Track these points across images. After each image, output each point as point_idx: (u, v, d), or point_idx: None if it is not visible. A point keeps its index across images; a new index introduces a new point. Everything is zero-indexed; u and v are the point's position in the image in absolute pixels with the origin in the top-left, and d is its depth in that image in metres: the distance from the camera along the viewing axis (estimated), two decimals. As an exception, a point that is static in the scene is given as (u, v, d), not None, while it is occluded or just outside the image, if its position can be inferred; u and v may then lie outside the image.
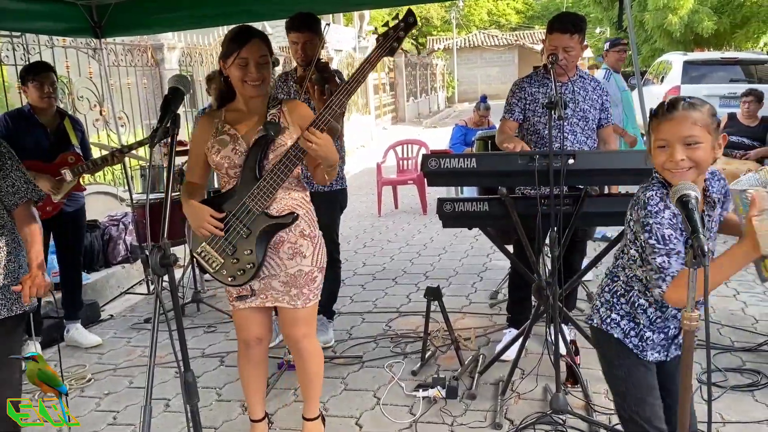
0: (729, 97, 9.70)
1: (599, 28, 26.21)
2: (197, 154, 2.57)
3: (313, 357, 2.73)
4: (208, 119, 2.58)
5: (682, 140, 1.77)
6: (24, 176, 2.43)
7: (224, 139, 2.49)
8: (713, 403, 3.01)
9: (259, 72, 2.43)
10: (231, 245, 2.47)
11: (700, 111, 1.79)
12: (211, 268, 2.53)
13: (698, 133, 1.77)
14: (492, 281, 5.02)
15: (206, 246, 2.51)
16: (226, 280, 2.53)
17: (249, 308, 2.61)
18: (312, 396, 2.80)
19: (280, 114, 2.51)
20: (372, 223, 7.58)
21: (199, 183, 2.64)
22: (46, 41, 5.67)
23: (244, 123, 2.52)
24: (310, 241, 2.57)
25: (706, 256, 1.49)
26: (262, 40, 2.46)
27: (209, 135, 2.53)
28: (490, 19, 43.18)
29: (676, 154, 1.77)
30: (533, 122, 3.43)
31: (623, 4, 4.25)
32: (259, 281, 2.55)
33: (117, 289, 5.28)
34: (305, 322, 2.65)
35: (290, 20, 3.64)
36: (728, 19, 15.51)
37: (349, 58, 16.85)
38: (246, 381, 2.79)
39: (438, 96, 29.35)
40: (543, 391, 3.21)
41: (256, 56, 2.41)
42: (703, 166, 1.80)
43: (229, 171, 2.51)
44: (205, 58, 8.89)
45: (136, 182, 4.95)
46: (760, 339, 3.67)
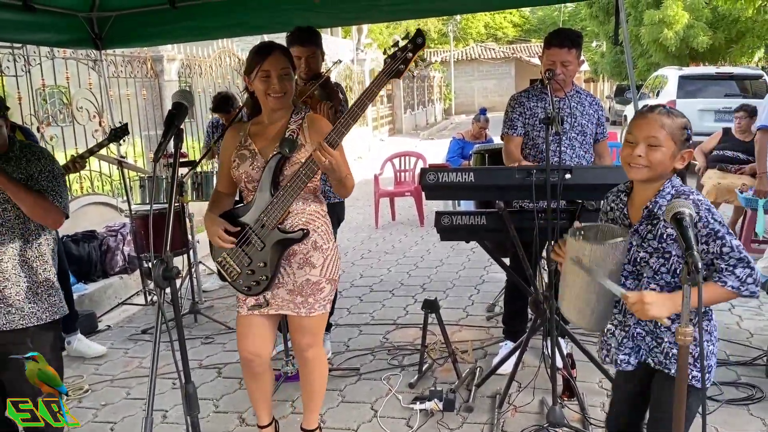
0: (724, 112, 9.78)
1: (595, 42, 26.39)
2: (224, 165, 2.65)
3: (316, 367, 2.75)
4: (235, 131, 2.65)
5: (646, 139, 1.90)
6: (54, 187, 2.51)
7: (244, 154, 2.56)
8: (708, 417, 3.03)
9: (281, 84, 2.48)
10: (247, 257, 2.53)
11: (672, 119, 1.90)
12: (229, 277, 2.60)
13: (662, 138, 1.88)
14: (489, 294, 5.04)
15: (226, 256, 2.58)
16: (242, 290, 2.60)
17: (254, 315, 2.64)
18: (313, 407, 2.82)
19: (299, 131, 2.54)
20: (369, 235, 7.60)
21: (226, 192, 2.70)
22: (46, 52, 5.70)
23: (263, 137, 2.57)
24: (321, 252, 2.60)
25: (700, 273, 1.52)
26: (283, 53, 2.52)
27: (235, 146, 2.60)
28: (487, 32, 43.47)
29: (637, 149, 1.90)
30: (532, 136, 3.46)
31: (619, 19, 4.30)
32: (270, 290, 2.59)
33: (114, 300, 5.28)
34: (310, 331, 2.67)
35: (291, 35, 3.68)
36: (723, 34, 15.65)
37: (347, 70, 16.92)
38: (250, 389, 2.82)
39: (435, 108, 29.46)
40: (539, 404, 3.22)
41: (277, 69, 2.46)
42: (657, 169, 1.90)
43: (248, 185, 2.57)
44: (204, 70, 8.93)
45: (135, 193, 4.96)
46: (755, 353, 3.69)
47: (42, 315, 2.47)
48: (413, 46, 2.36)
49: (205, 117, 8.08)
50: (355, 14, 4.91)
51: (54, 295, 2.53)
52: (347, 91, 16.77)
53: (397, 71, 2.38)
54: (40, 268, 2.49)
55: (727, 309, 4.47)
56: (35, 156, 2.49)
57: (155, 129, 7.57)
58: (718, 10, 14.87)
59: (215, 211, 2.58)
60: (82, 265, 5.19)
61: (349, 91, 16.92)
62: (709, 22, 15.48)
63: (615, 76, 23.85)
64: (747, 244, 5.58)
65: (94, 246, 5.33)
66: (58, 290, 2.56)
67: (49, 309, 2.50)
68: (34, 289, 2.46)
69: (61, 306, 2.55)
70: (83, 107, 6.30)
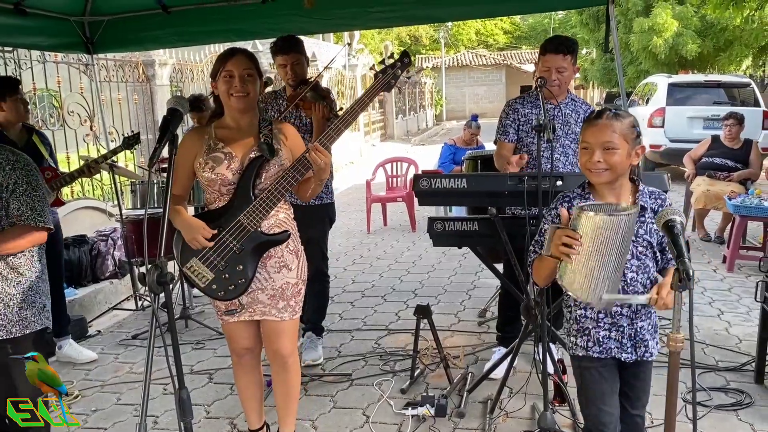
0: (712, 119, 9.87)
1: (586, 49, 26.54)
2: (183, 167, 2.59)
3: (298, 372, 2.79)
4: (197, 134, 2.62)
5: (601, 145, 1.98)
6: (32, 203, 2.37)
7: (218, 157, 2.53)
8: (698, 423, 3.05)
9: (243, 84, 2.49)
10: (223, 261, 2.50)
11: (621, 121, 1.99)
12: (200, 282, 2.54)
13: (616, 141, 1.98)
14: (480, 299, 5.06)
15: (196, 261, 2.52)
16: (216, 295, 2.55)
17: (237, 321, 2.65)
18: (292, 411, 2.83)
19: (271, 135, 2.56)
20: (361, 240, 7.61)
21: (181, 194, 2.66)
22: (37, 56, 5.69)
23: (238, 142, 2.56)
24: (294, 255, 2.64)
25: (691, 280, 1.54)
26: (247, 57, 2.54)
27: (197, 150, 2.56)
28: (478, 39, 43.66)
29: (594, 156, 1.99)
30: (526, 143, 3.48)
31: (609, 26, 4.34)
32: (247, 295, 2.58)
33: (105, 305, 5.25)
34: (291, 335, 2.69)
35: (274, 45, 3.79)
36: (711, 42, 15.77)
37: (338, 76, 16.95)
38: (241, 390, 2.82)
39: (426, 114, 29.54)
40: (531, 410, 3.24)
41: (240, 69, 2.49)
42: (618, 170, 2.01)
43: (222, 188, 2.54)
44: (195, 75, 8.93)
45: (126, 197, 4.95)
46: (744, 359, 3.72)
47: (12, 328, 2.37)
48: (401, 64, 2.53)
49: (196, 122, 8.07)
50: (347, 20, 4.94)
51: (26, 309, 2.40)
52: (339, 96, 16.82)
53: (387, 84, 2.53)
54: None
55: (716, 315, 4.51)
56: (9, 164, 2.30)
57: (146, 133, 7.55)
58: (706, 19, 15.00)
59: (184, 213, 2.54)
60: (72, 270, 5.16)
61: (341, 96, 16.95)
62: (697, 30, 15.60)
63: (605, 83, 24.00)
64: (735, 251, 5.64)
65: (84, 251, 5.30)
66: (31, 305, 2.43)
67: (20, 323, 2.39)
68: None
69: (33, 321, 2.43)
70: (74, 111, 6.28)
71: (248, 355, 2.76)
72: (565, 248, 1.81)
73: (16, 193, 2.30)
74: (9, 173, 2.29)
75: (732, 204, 5.60)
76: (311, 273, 4.00)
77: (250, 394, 2.82)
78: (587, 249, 1.81)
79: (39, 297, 2.45)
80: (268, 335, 2.68)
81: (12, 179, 2.30)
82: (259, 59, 2.74)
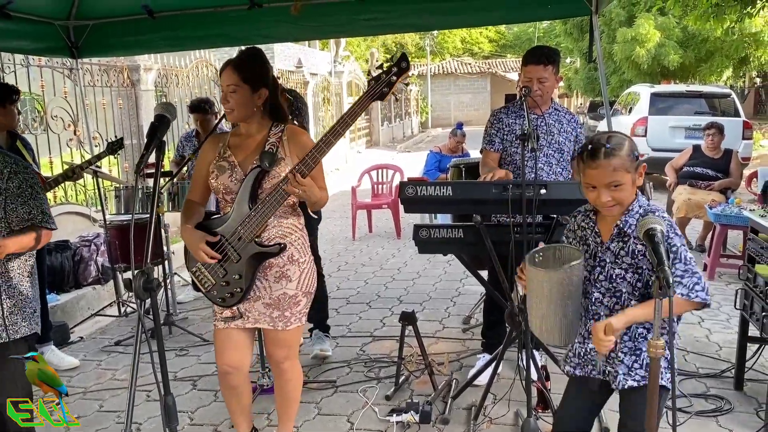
0: (694, 129, 10.01)
1: (570, 59, 26.81)
2: (200, 174, 2.64)
3: (292, 379, 2.77)
4: (214, 141, 2.66)
5: (606, 186, 1.96)
6: (41, 206, 2.43)
7: (223, 166, 2.56)
8: (678, 429, 3.08)
9: (226, 101, 2.49)
10: (222, 268, 2.53)
11: (619, 156, 1.95)
12: (203, 287, 2.61)
13: (619, 177, 1.95)
14: (465, 306, 5.08)
15: (201, 266, 2.58)
16: (215, 301, 2.60)
17: (231, 329, 2.63)
18: (289, 418, 2.83)
19: (278, 143, 2.54)
20: (346, 247, 7.61)
21: (199, 202, 2.68)
22: (21, 60, 5.64)
23: (243, 150, 2.58)
24: (298, 266, 2.61)
25: (671, 287, 1.57)
26: (234, 69, 2.48)
27: (213, 156, 2.60)
28: (464, 47, 43.90)
29: (602, 197, 1.97)
30: (510, 152, 3.52)
31: (593, 36, 4.41)
32: (245, 303, 2.59)
33: (87, 311, 5.21)
34: (287, 344, 2.68)
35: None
36: (693, 53, 16.00)
37: (324, 82, 16.96)
38: (228, 402, 2.81)
39: (412, 121, 29.62)
40: (514, 416, 3.25)
41: (224, 85, 2.49)
42: (627, 200, 2.00)
43: (226, 197, 2.57)
44: (181, 80, 8.90)
45: (110, 203, 4.92)
46: (724, 365, 3.77)
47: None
48: (398, 70, 2.37)
49: (181, 127, 8.04)
50: (333, 28, 4.96)
51: (16, 314, 2.40)
52: (325, 103, 16.83)
53: (380, 94, 2.39)
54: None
55: (697, 322, 4.57)
56: (12, 170, 2.35)
57: (131, 138, 7.52)
58: (688, 30, 15.22)
59: (192, 222, 2.57)
60: (54, 276, 5.11)
61: (327, 103, 16.96)
62: (679, 41, 15.83)
63: (588, 92, 24.22)
64: (716, 259, 5.71)
65: (67, 256, 5.26)
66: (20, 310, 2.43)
67: (11, 327, 2.38)
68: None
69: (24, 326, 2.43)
70: (58, 116, 6.23)
71: (233, 374, 2.66)
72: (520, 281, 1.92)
73: (23, 197, 2.35)
74: (12, 178, 2.34)
75: (712, 213, 5.68)
76: None
77: (238, 407, 2.79)
78: (536, 296, 1.89)
79: (30, 302, 2.45)
80: (266, 341, 2.72)
81: (14, 183, 2.34)
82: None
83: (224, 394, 2.79)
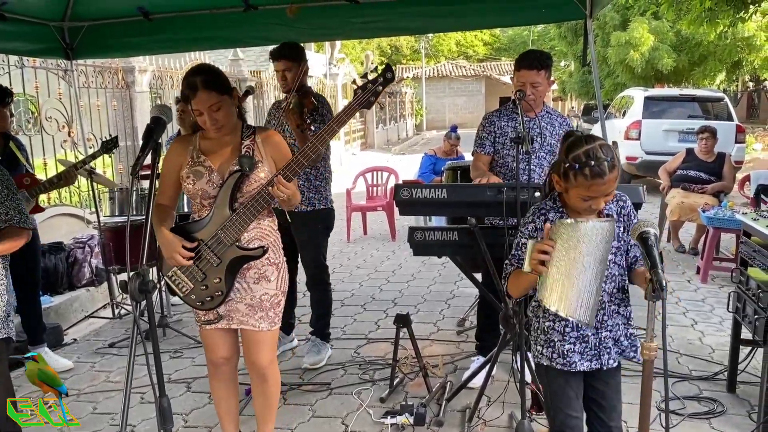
0: (687, 132, 10.05)
1: (564, 62, 26.91)
2: (169, 178, 2.61)
3: (277, 382, 2.79)
4: (182, 144, 2.62)
5: (607, 195, 1.99)
6: (18, 206, 2.42)
7: (200, 171, 2.54)
8: (671, 431, 3.11)
9: (213, 119, 2.46)
10: (201, 272, 2.53)
11: (617, 167, 1.97)
12: (180, 292, 2.59)
13: (614, 187, 2.00)
14: (459, 308, 5.09)
15: (177, 271, 2.56)
16: (194, 305, 2.59)
17: (216, 329, 2.66)
18: (270, 420, 2.83)
19: (254, 146, 2.55)
20: (341, 249, 7.61)
21: (169, 205, 2.66)
22: (15, 61, 5.62)
23: (218, 154, 2.56)
24: (275, 267, 2.64)
25: (664, 290, 1.58)
26: (209, 88, 2.41)
27: (183, 160, 2.57)
28: (458, 50, 44.03)
29: (600, 204, 1.99)
30: (503, 155, 3.53)
31: (587, 40, 4.43)
32: (225, 305, 2.60)
33: (81, 313, 5.19)
34: (270, 346, 2.70)
35: (271, 50, 3.84)
36: (686, 57, 16.11)
37: (319, 84, 16.98)
38: (217, 401, 2.82)
39: (407, 123, 29.66)
40: (509, 418, 3.26)
41: (205, 107, 2.44)
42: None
43: (203, 201, 2.56)
44: (176, 82, 8.87)
45: (104, 204, 4.91)
46: (717, 368, 3.79)
47: None
48: (383, 80, 2.46)
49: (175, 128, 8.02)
50: (328, 30, 4.97)
51: None
52: (319, 105, 16.83)
53: (367, 102, 2.48)
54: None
55: (690, 325, 4.59)
56: None
57: (125, 140, 7.49)
58: (681, 34, 15.32)
59: (167, 226, 2.55)
60: (48, 277, 5.09)
61: (322, 105, 16.93)
62: (673, 45, 15.94)
63: (583, 96, 24.33)
64: (709, 262, 5.74)
65: (60, 258, 5.24)
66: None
67: None
68: None
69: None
70: (52, 117, 6.21)
71: (225, 365, 2.75)
72: (541, 257, 1.81)
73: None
74: None
75: (706, 216, 5.71)
76: (307, 280, 4.02)
77: (227, 406, 2.82)
78: (564, 257, 1.80)
79: (2, 306, 2.42)
80: (247, 345, 2.68)
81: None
82: (239, 67, 2.75)
83: (214, 389, 2.81)
